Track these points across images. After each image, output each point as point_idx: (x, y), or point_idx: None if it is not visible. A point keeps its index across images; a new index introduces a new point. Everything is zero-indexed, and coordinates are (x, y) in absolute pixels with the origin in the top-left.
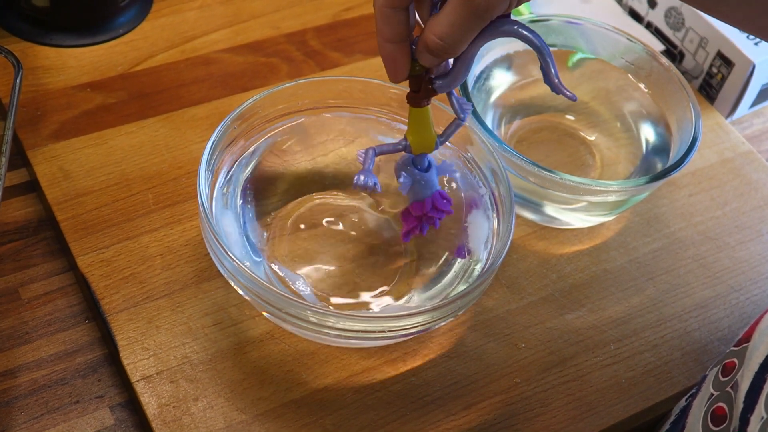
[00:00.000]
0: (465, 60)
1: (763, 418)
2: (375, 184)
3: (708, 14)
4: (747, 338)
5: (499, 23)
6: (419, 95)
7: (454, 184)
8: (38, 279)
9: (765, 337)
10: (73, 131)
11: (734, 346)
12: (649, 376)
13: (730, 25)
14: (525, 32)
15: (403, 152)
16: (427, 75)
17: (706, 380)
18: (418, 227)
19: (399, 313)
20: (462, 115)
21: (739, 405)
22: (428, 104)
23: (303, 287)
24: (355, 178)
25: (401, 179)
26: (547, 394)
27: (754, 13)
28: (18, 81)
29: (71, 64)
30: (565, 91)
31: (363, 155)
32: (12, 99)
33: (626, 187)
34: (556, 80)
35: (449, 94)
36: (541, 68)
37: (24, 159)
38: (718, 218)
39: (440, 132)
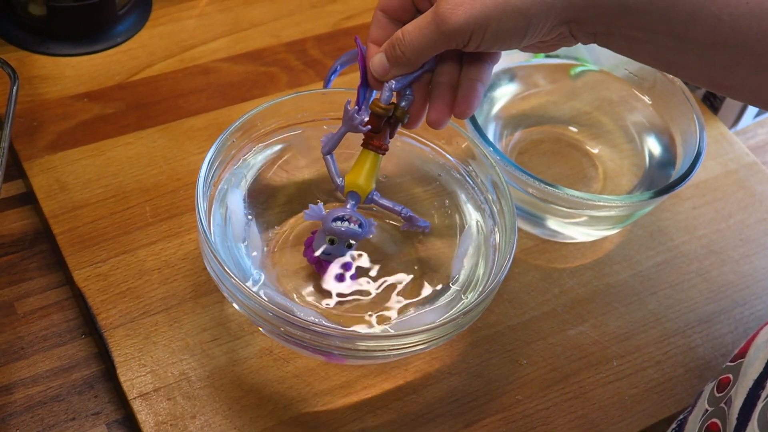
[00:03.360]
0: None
1: None
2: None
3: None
4: (742, 354)
5: None
6: (375, 137)
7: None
8: (34, 293)
9: (760, 353)
10: (69, 142)
11: (730, 361)
12: (652, 393)
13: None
14: None
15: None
16: (391, 120)
17: (702, 395)
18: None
19: (401, 332)
20: (400, 210)
21: (733, 421)
22: (381, 153)
23: (303, 303)
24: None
25: (310, 210)
26: (549, 412)
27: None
28: (14, 91)
29: (68, 73)
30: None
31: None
32: (8, 109)
33: (629, 203)
34: None
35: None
36: None
37: (20, 170)
38: (722, 231)
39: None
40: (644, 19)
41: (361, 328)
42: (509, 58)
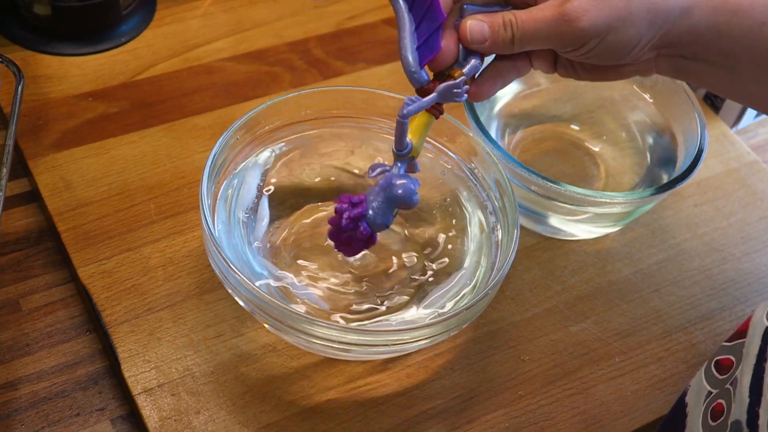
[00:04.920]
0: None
1: None
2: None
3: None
4: (741, 333)
5: None
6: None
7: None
8: (39, 290)
9: (758, 329)
10: (74, 141)
11: (726, 341)
12: (654, 389)
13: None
14: None
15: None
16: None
17: (696, 376)
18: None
19: (403, 327)
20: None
21: (745, 399)
22: (437, 117)
23: (306, 299)
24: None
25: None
26: (551, 408)
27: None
28: (19, 90)
29: (73, 72)
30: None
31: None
32: (13, 108)
33: (631, 199)
34: None
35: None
36: None
37: (25, 169)
38: (723, 229)
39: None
40: (733, 45)
41: (363, 324)
42: None
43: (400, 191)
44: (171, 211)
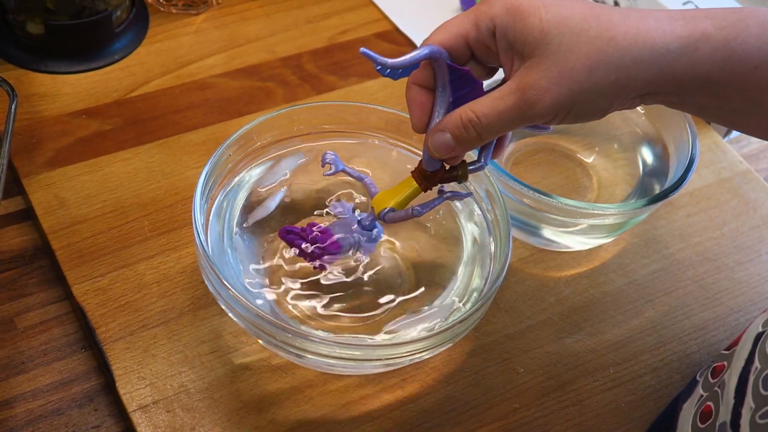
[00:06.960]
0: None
1: (751, 408)
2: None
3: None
4: (736, 342)
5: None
6: (427, 182)
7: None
8: (34, 308)
9: (751, 335)
10: (68, 158)
11: (724, 350)
12: (649, 400)
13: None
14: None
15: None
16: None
17: (697, 385)
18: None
19: (396, 341)
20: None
21: (730, 401)
22: (425, 191)
23: (300, 315)
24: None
25: (339, 207)
26: (546, 420)
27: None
28: (13, 109)
29: (66, 90)
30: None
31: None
32: (7, 127)
33: (624, 210)
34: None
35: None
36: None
37: (19, 187)
38: (716, 239)
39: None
40: (722, 89)
41: (357, 338)
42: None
43: (361, 251)
44: (165, 228)
